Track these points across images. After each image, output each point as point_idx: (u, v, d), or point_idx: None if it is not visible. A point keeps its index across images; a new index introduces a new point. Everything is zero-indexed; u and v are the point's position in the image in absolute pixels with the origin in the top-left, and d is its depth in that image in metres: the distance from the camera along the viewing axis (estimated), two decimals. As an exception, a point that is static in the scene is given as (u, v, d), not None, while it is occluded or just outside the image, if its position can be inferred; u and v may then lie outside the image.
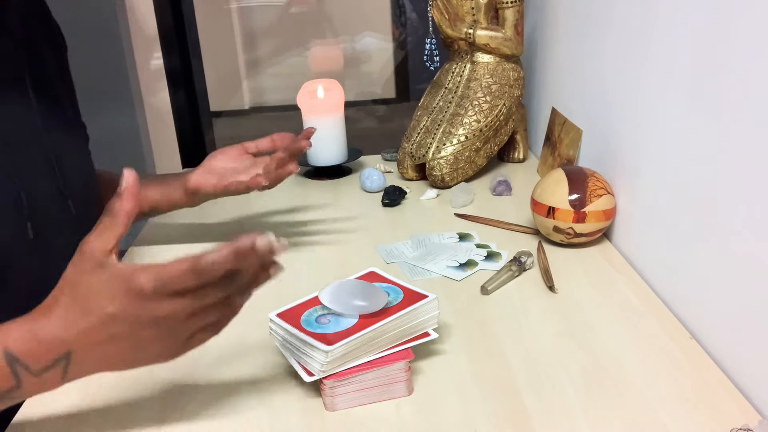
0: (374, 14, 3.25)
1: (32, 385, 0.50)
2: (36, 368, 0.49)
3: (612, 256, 0.91)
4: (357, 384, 0.63)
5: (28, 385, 0.50)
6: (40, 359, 0.49)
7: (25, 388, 0.50)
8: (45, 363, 0.49)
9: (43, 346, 0.49)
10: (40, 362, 0.49)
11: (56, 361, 0.49)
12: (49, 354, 0.49)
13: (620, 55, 0.92)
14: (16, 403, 0.54)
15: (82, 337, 0.49)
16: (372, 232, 1.03)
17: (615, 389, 0.64)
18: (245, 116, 3.40)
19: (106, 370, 0.52)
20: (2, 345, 0.49)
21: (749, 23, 0.62)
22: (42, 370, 0.49)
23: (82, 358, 0.50)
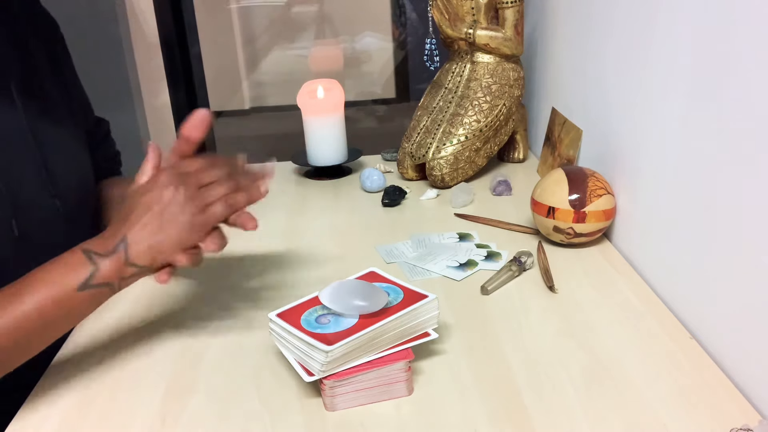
0: (374, 14, 3.25)
1: (105, 268, 0.65)
2: (105, 251, 0.65)
3: (612, 256, 0.91)
4: (357, 384, 0.63)
5: (102, 267, 0.65)
6: (107, 246, 0.65)
7: (101, 270, 0.65)
8: (110, 247, 0.65)
9: (106, 239, 0.66)
10: (107, 247, 0.65)
11: (117, 244, 0.65)
12: (112, 240, 0.65)
13: (620, 55, 0.92)
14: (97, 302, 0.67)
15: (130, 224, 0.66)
16: (372, 232, 1.03)
17: (615, 389, 0.64)
18: (245, 116, 3.40)
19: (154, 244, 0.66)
20: (79, 247, 0.66)
21: (750, 24, 0.62)
22: (110, 251, 0.65)
23: (133, 238, 0.65)
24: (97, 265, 0.65)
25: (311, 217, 1.10)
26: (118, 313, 0.83)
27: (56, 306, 0.64)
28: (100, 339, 0.78)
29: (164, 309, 0.84)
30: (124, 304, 0.85)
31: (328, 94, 1.23)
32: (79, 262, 0.65)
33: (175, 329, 0.79)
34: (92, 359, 0.74)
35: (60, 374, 0.72)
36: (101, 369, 0.72)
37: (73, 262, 0.65)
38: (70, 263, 0.65)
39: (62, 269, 0.64)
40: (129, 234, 0.65)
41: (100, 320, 0.82)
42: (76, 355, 0.75)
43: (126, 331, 0.79)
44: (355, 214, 1.10)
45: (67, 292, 0.64)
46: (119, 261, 0.65)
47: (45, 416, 0.65)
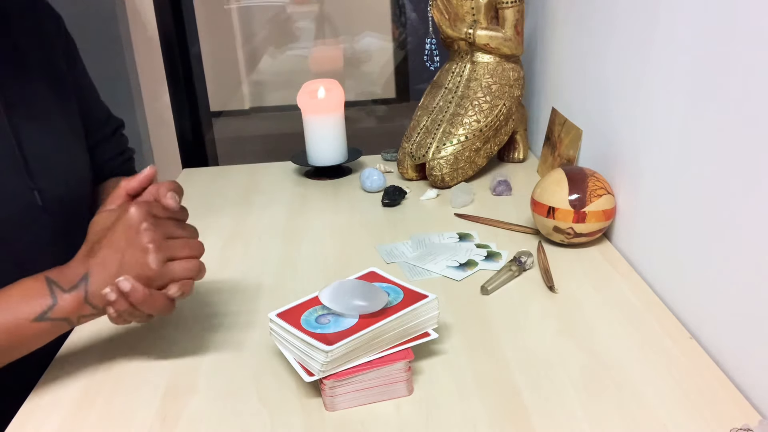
0: (374, 14, 3.25)
1: (65, 303, 0.64)
2: (66, 287, 0.64)
3: (612, 256, 0.91)
4: (357, 384, 0.63)
5: (62, 301, 0.64)
6: (70, 280, 0.64)
7: (60, 304, 0.64)
8: (73, 282, 0.64)
9: (69, 274, 0.65)
10: (71, 282, 0.64)
11: (80, 281, 0.64)
12: (76, 276, 0.64)
13: (621, 55, 0.92)
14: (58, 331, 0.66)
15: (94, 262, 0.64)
16: (372, 232, 1.03)
17: (615, 389, 0.64)
18: (245, 116, 3.39)
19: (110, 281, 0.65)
20: (43, 275, 0.65)
21: (750, 24, 0.62)
22: (72, 287, 0.64)
23: (94, 279, 0.64)
24: (57, 299, 0.64)
25: (311, 217, 1.10)
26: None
27: (7, 334, 0.63)
28: (100, 339, 0.78)
29: (164, 309, 0.84)
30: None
31: (328, 94, 1.23)
32: (39, 293, 0.64)
33: (175, 329, 0.79)
34: (92, 359, 0.74)
35: (60, 374, 0.72)
36: (101, 369, 0.72)
37: (33, 291, 0.64)
38: (30, 292, 0.64)
39: (21, 297, 0.64)
40: (91, 271, 0.64)
41: (100, 320, 0.82)
42: (76, 355, 0.75)
43: (126, 331, 0.79)
44: (355, 214, 1.10)
45: (22, 321, 0.63)
46: (79, 298, 0.64)
47: (45, 416, 0.65)
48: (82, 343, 0.77)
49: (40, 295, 0.64)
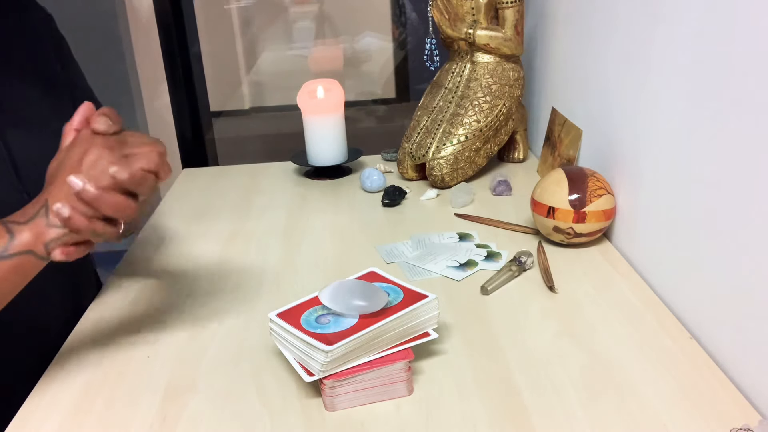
0: (374, 14, 3.25)
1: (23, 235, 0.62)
2: (24, 219, 0.62)
3: (612, 256, 0.91)
4: (357, 384, 0.63)
5: (19, 234, 0.62)
6: (27, 213, 0.62)
7: (18, 237, 0.62)
8: (30, 214, 0.62)
9: (28, 209, 0.63)
10: (27, 215, 0.62)
11: (38, 209, 0.62)
12: (33, 208, 0.62)
13: (621, 55, 0.92)
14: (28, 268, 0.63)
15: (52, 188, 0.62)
16: (372, 232, 1.03)
17: (615, 389, 0.64)
18: (245, 116, 3.39)
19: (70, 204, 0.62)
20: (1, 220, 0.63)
21: (750, 25, 0.62)
22: (30, 218, 0.62)
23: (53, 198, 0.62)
24: (13, 233, 0.62)
25: (311, 218, 1.10)
26: (118, 313, 0.83)
27: None
28: (100, 339, 0.78)
29: (164, 309, 0.84)
30: (124, 304, 0.85)
31: (328, 94, 1.23)
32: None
33: (174, 329, 0.79)
34: (92, 359, 0.74)
35: (60, 374, 0.72)
36: (101, 369, 0.72)
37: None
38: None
39: None
40: (50, 197, 0.62)
41: (101, 320, 0.82)
42: (77, 355, 0.75)
43: (126, 331, 0.79)
44: (355, 214, 1.10)
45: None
46: (39, 225, 0.62)
47: (45, 416, 0.65)
48: (83, 343, 0.77)
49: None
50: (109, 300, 0.87)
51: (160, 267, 0.95)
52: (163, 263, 0.96)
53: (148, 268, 0.95)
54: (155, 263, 0.96)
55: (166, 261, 0.97)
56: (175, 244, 1.02)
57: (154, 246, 1.02)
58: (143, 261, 0.97)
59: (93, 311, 0.84)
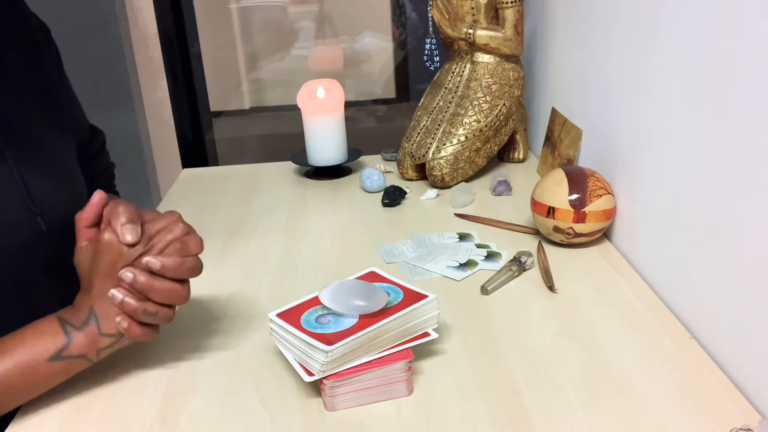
0: (374, 14, 3.25)
1: (80, 340, 0.64)
2: (78, 324, 0.65)
3: (612, 256, 0.91)
4: (357, 384, 0.63)
5: (76, 338, 0.64)
6: (80, 317, 0.65)
7: (75, 341, 0.64)
8: (82, 319, 0.65)
9: (78, 312, 0.65)
10: (80, 319, 0.65)
11: (88, 316, 0.65)
12: (83, 313, 0.65)
13: (621, 55, 0.92)
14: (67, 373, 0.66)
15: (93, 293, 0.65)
16: (372, 232, 1.03)
17: (615, 389, 0.64)
18: (245, 116, 3.39)
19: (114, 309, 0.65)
20: (55, 316, 0.66)
21: (751, 25, 0.62)
22: (83, 323, 0.64)
23: (101, 311, 0.65)
24: (71, 336, 0.64)
25: (311, 217, 1.10)
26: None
27: (22, 375, 0.63)
28: (100, 339, 0.78)
29: (164, 309, 0.84)
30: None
31: (328, 94, 1.23)
32: (52, 332, 0.64)
33: (175, 329, 0.79)
34: (92, 359, 0.74)
35: (60, 374, 0.72)
36: (101, 368, 0.72)
37: (46, 330, 0.64)
38: (44, 332, 0.64)
39: (35, 338, 0.63)
40: (94, 305, 0.65)
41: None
42: (76, 355, 0.75)
43: (126, 331, 0.79)
44: (355, 214, 1.10)
45: (37, 361, 0.63)
46: (93, 333, 0.64)
47: (45, 416, 0.65)
48: (82, 343, 0.77)
49: (54, 334, 0.64)
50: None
51: (160, 267, 0.95)
52: (163, 263, 0.96)
53: (148, 268, 0.95)
54: None
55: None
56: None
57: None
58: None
59: (93, 311, 0.84)
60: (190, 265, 0.66)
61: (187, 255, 0.66)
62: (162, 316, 0.65)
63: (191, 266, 0.66)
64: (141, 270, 0.64)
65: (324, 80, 1.24)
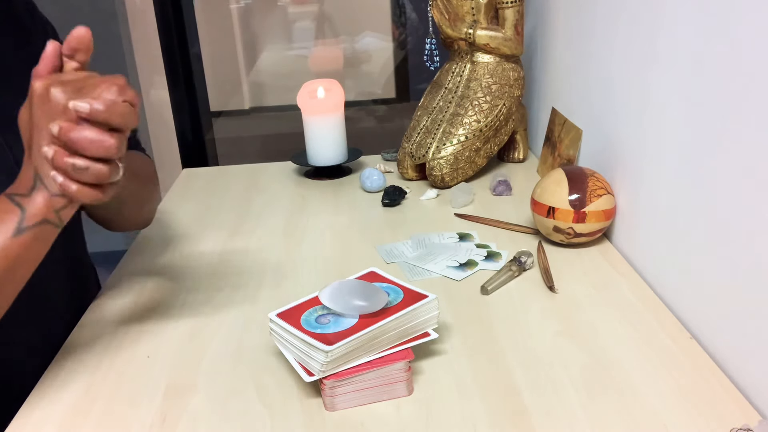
0: (374, 14, 3.25)
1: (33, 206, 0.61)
2: (25, 191, 0.61)
3: (612, 256, 0.91)
4: (357, 384, 0.63)
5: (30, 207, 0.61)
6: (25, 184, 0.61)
7: (30, 210, 0.61)
8: (28, 185, 0.61)
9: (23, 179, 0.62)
10: (26, 186, 0.61)
11: (33, 179, 0.61)
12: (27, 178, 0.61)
13: (621, 55, 0.92)
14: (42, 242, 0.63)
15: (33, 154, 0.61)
16: (372, 232, 1.03)
17: (615, 389, 0.64)
18: (245, 116, 3.39)
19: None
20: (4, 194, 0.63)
21: (752, 25, 0.62)
22: (29, 190, 0.61)
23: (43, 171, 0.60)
24: (23, 206, 0.61)
25: (311, 217, 1.10)
26: (118, 313, 0.83)
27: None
28: (100, 338, 0.78)
29: (164, 309, 0.84)
30: (124, 304, 0.85)
31: (328, 94, 1.23)
32: (4, 209, 0.61)
33: (174, 329, 0.79)
34: (92, 359, 0.74)
35: (60, 374, 0.72)
36: (101, 369, 0.72)
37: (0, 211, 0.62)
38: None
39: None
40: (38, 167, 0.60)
41: (101, 320, 0.82)
42: (76, 355, 0.75)
43: (126, 331, 0.79)
44: (355, 214, 1.10)
45: (4, 242, 0.61)
46: (43, 196, 0.61)
47: (45, 416, 0.65)
48: (83, 343, 0.77)
49: (6, 211, 0.61)
50: (109, 300, 0.87)
51: (160, 267, 0.95)
52: (163, 263, 0.96)
53: (148, 268, 0.95)
54: (155, 263, 0.96)
55: (166, 261, 0.97)
56: (174, 244, 1.03)
57: (154, 246, 1.02)
58: (143, 261, 0.97)
59: (93, 311, 0.84)
60: (122, 109, 0.58)
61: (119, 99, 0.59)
62: (93, 172, 0.59)
63: (123, 111, 0.58)
64: (68, 120, 0.58)
65: (324, 80, 1.24)
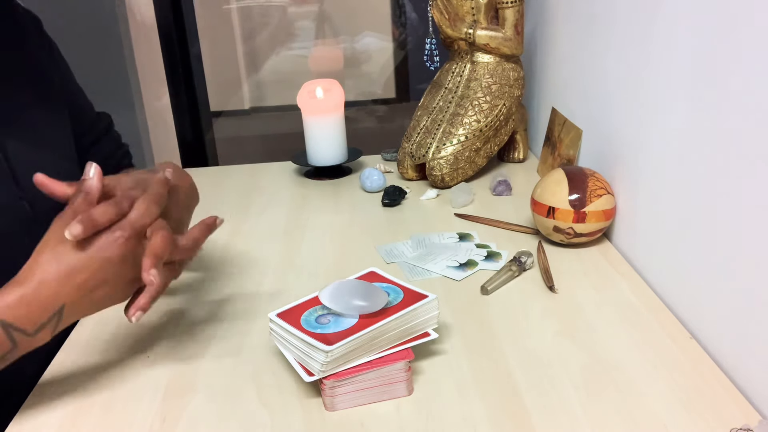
0: (374, 14, 3.25)
1: (26, 344, 0.56)
2: (31, 330, 0.55)
3: (612, 256, 0.91)
4: (357, 384, 0.63)
5: (22, 344, 0.56)
6: (35, 321, 0.55)
7: (20, 348, 0.56)
8: (40, 323, 0.55)
9: (37, 308, 0.54)
10: (35, 323, 0.55)
11: (50, 318, 0.55)
12: (45, 313, 0.55)
13: (621, 55, 0.92)
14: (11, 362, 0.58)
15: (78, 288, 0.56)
16: (372, 232, 1.03)
17: (615, 389, 0.64)
18: (245, 116, 3.39)
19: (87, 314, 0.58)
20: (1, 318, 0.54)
21: (751, 25, 0.62)
22: (37, 330, 0.55)
23: (72, 310, 0.56)
24: (17, 345, 0.56)
25: (311, 217, 1.10)
26: (118, 313, 0.83)
27: None
28: (100, 339, 0.78)
29: (164, 309, 0.84)
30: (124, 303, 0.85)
31: (328, 94, 1.23)
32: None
33: (175, 329, 0.79)
34: (92, 359, 0.74)
35: (60, 374, 0.72)
36: (101, 368, 0.72)
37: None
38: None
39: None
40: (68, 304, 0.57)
41: (101, 320, 0.82)
42: (77, 355, 0.75)
43: (126, 331, 0.79)
44: (355, 214, 1.10)
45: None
46: (44, 337, 0.57)
47: (45, 416, 0.65)
48: (83, 343, 0.77)
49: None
50: (110, 299, 0.86)
51: (160, 267, 0.95)
52: (163, 263, 0.96)
53: (148, 268, 0.95)
54: None
55: (166, 261, 0.97)
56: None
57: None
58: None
59: (93, 311, 0.84)
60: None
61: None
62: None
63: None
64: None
65: (324, 80, 1.24)
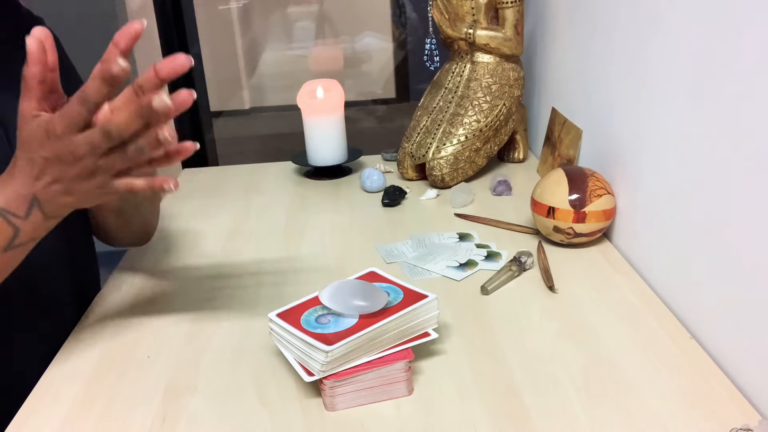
0: (374, 14, 3.25)
1: (27, 227, 0.61)
2: (21, 213, 0.60)
3: (612, 256, 0.91)
4: (357, 384, 0.63)
5: (23, 227, 0.61)
6: (20, 207, 0.60)
7: (23, 231, 0.61)
8: (24, 208, 0.60)
9: (16, 198, 0.60)
10: (21, 208, 0.60)
11: (30, 205, 0.60)
12: (24, 202, 0.60)
13: (621, 55, 0.92)
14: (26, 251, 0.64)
15: (35, 184, 0.59)
16: (372, 232, 1.03)
17: (615, 389, 0.64)
18: (245, 116, 3.39)
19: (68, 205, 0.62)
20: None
21: (751, 25, 0.62)
22: (26, 213, 0.60)
23: (44, 199, 0.60)
24: (17, 226, 0.61)
25: (311, 217, 1.10)
26: (118, 313, 0.83)
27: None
28: (101, 339, 0.78)
29: (164, 309, 0.84)
30: (124, 304, 0.85)
31: (328, 94, 1.23)
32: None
33: (174, 329, 0.79)
34: (93, 359, 0.74)
35: (60, 374, 0.72)
36: (102, 368, 0.72)
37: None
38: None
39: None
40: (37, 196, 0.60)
41: (101, 320, 0.82)
42: (76, 355, 0.75)
43: (126, 331, 0.79)
44: (355, 214, 1.10)
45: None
46: (40, 218, 0.61)
47: (45, 416, 0.65)
48: (83, 343, 0.77)
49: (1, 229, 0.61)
50: (109, 300, 0.87)
51: (160, 267, 0.95)
52: (163, 263, 0.96)
53: (148, 268, 0.95)
54: (155, 263, 0.96)
55: (166, 261, 0.97)
56: (175, 244, 1.03)
57: (154, 246, 1.02)
58: (143, 261, 0.97)
59: (93, 311, 0.84)
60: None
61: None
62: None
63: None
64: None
65: (324, 80, 1.24)
